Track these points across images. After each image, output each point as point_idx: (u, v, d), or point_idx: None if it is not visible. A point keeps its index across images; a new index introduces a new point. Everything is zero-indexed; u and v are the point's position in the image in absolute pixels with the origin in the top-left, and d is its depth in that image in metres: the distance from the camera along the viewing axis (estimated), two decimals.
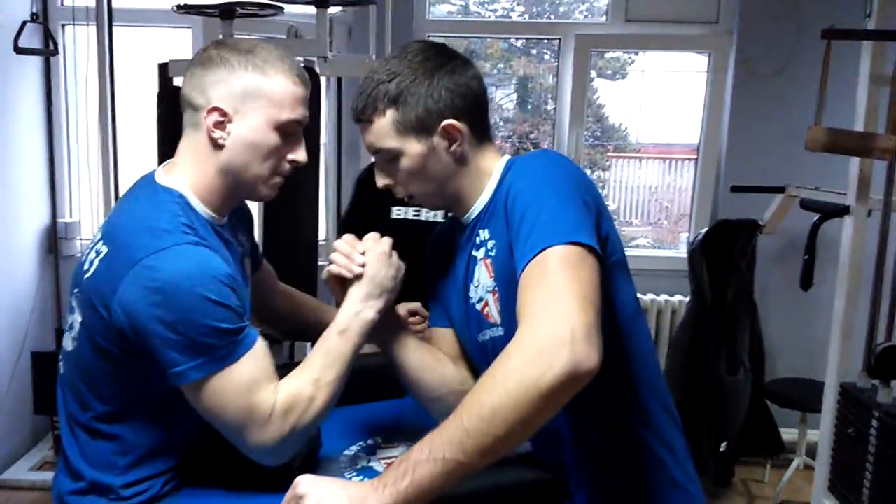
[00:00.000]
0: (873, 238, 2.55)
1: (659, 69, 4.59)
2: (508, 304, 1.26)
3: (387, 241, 1.40)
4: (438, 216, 2.22)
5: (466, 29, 3.93)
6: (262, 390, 1.25)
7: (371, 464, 1.45)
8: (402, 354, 1.42)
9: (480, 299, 1.34)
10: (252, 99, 1.30)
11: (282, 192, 1.41)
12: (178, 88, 2.92)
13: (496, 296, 1.31)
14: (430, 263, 1.53)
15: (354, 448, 1.52)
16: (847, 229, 2.58)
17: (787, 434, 3.64)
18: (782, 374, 3.73)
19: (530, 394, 1.00)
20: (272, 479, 1.32)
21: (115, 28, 3.12)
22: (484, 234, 1.34)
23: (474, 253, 1.36)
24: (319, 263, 2.75)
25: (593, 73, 3.92)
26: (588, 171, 4.65)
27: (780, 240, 3.64)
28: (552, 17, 3.96)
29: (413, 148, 1.31)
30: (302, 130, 1.38)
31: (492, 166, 1.36)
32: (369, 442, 1.55)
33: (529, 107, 4.32)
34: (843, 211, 2.59)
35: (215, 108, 1.30)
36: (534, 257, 1.11)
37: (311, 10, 2.84)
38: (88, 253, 1.33)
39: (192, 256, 1.22)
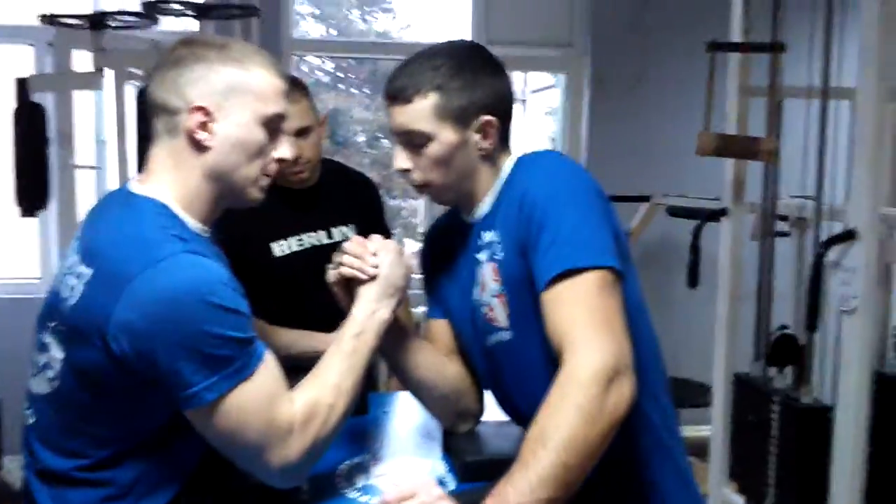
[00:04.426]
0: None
1: None
2: (518, 309, 1.27)
3: (394, 241, 1.37)
4: (323, 239, 2.05)
5: (332, 49, 3.87)
6: (281, 403, 1.15)
7: (371, 481, 1.38)
8: (406, 356, 1.40)
9: (485, 304, 1.32)
10: (236, 94, 1.19)
11: None
12: (37, 105, 2.76)
13: (503, 300, 1.29)
14: (426, 258, 1.50)
15: (344, 466, 1.44)
16: (725, 230, 2.75)
17: None
18: None
19: (612, 421, 1.07)
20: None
21: None
22: (488, 236, 1.33)
23: (477, 256, 1.34)
24: None
25: None
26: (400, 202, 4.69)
27: (637, 248, 3.85)
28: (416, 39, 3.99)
29: (447, 136, 1.29)
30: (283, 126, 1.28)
31: (506, 169, 1.37)
32: (357, 460, 1.47)
33: (340, 139, 4.35)
34: (720, 213, 2.77)
35: (198, 108, 1.18)
36: (565, 274, 1.16)
37: (173, 27, 2.72)
38: (64, 279, 1.17)
39: (193, 264, 1.11)
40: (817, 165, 2.36)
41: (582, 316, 1.13)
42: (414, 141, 1.30)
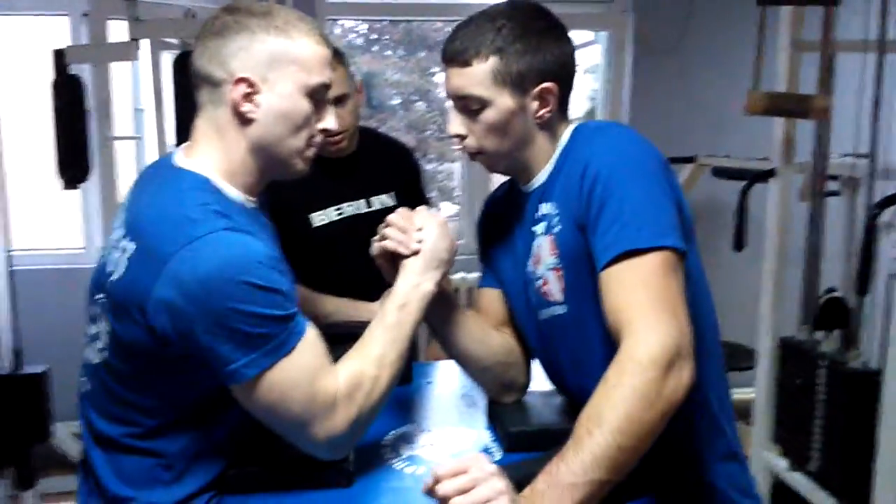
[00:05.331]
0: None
1: None
2: (574, 283, 1.25)
3: (439, 213, 1.36)
4: (362, 208, 2.05)
5: (366, 11, 3.82)
6: (323, 376, 1.15)
7: (416, 451, 1.38)
8: (451, 328, 1.39)
9: (539, 277, 1.30)
10: (280, 65, 1.17)
11: None
12: (74, 76, 2.77)
13: (559, 273, 1.27)
14: (482, 228, 1.49)
15: (390, 436, 1.44)
16: (774, 191, 2.68)
17: None
18: None
19: (669, 405, 1.05)
20: (318, 475, 1.24)
21: None
22: (545, 207, 1.30)
23: (533, 228, 1.32)
24: None
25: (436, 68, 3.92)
26: (436, 165, 4.67)
27: None
28: None
29: (504, 102, 1.26)
30: (328, 96, 1.26)
31: (563, 139, 1.33)
32: (402, 430, 1.47)
33: (375, 102, 4.31)
34: (768, 174, 2.69)
35: (242, 80, 1.16)
36: (627, 254, 1.12)
37: None
38: (110, 253, 1.18)
39: (230, 242, 1.10)
40: (872, 122, 2.28)
41: (643, 298, 1.10)
42: (470, 106, 1.27)
